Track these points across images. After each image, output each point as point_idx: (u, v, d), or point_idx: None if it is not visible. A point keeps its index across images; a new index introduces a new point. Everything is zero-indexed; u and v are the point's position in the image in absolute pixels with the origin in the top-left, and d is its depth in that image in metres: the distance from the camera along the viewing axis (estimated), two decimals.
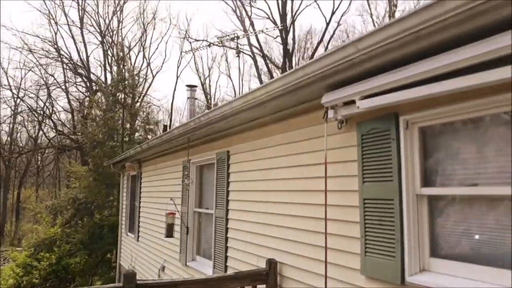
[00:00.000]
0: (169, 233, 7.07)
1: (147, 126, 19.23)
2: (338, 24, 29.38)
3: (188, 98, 12.96)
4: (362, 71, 2.95)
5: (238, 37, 18.71)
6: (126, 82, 18.78)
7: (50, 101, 32.61)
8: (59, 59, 31.43)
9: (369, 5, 29.95)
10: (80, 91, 32.72)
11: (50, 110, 32.83)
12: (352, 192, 3.34)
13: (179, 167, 7.61)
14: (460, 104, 2.57)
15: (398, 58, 2.67)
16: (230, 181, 5.63)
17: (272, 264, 4.23)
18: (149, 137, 18.54)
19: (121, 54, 25.68)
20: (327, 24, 28.99)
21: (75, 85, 32.62)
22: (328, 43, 29.58)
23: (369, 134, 3.20)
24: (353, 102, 3.13)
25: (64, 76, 32.27)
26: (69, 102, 32.28)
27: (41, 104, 32.74)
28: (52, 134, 33.71)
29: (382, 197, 3.02)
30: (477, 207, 2.59)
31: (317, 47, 29.97)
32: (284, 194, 4.34)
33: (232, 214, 5.49)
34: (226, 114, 4.83)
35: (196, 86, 15.36)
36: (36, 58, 31.23)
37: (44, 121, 33.24)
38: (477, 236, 2.58)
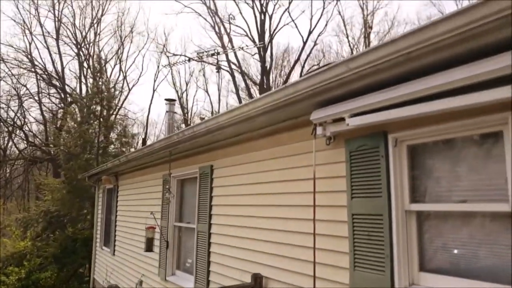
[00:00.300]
0: (149, 247, 7.00)
1: (124, 139, 19.02)
2: (315, 44, 29.94)
3: (167, 111, 12.93)
4: (352, 89, 3.03)
5: (218, 53, 18.79)
6: (103, 95, 18.58)
7: (22, 111, 31.93)
8: (33, 69, 30.90)
9: (345, 26, 30.67)
10: (54, 103, 32.17)
11: (22, 121, 32.12)
12: (341, 207, 3.40)
13: (159, 180, 7.56)
14: (448, 124, 2.67)
15: (388, 78, 2.76)
16: (213, 196, 5.63)
17: (257, 278, 4.24)
18: (124, 150, 18.34)
19: (97, 66, 25.40)
20: (304, 43, 29.53)
21: (48, 96, 32.07)
22: (304, 62, 30.09)
23: (358, 151, 3.28)
24: (342, 119, 3.21)
25: (38, 87, 31.68)
26: (42, 114, 31.67)
27: (12, 114, 32.01)
28: (22, 145, 32.92)
29: (371, 213, 3.09)
30: (464, 222, 2.69)
31: (294, 66, 30.43)
32: (271, 209, 4.37)
33: (215, 229, 5.48)
34: (211, 129, 4.85)
35: (175, 100, 15.34)
36: (8, 68, 30.61)
37: (15, 131, 32.45)
38: (465, 251, 2.67)
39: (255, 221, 4.62)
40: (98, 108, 18.87)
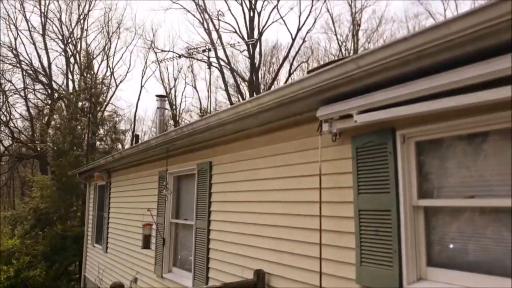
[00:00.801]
0: (146, 244, 6.97)
1: (114, 136, 18.88)
2: (304, 41, 29.96)
3: (158, 108, 12.87)
4: (360, 86, 3.06)
5: (209, 50, 18.77)
6: (92, 91, 18.42)
7: (7, 107, 31.42)
8: (18, 65, 30.42)
9: (333, 23, 30.76)
10: (40, 99, 31.71)
11: (7, 117, 31.61)
12: (347, 203, 3.43)
13: (155, 177, 7.53)
14: (456, 121, 2.72)
15: (397, 75, 2.79)
16: (212, 192, 5.63)
17: (260, 274, 4.25)
18: (114, 146, 18.23)
19: (85, 62, 25.12)
20: (293, 40, 29.52)
21: (34, 92, 31.60)
22: (293, 59, 30.12)
23: (365, 147, 3.31)
24: (349, 116, 3.24)
25: (23, 83, 31.20)
26: (28, 110, 31.20)
27: None
28: (8, 142, 32.40)
29: (378, 209, 3.13)
30: (472, 217, 2.74)
31: (282, 63, 30.44)
32: (273, 205, 4.38)
33: (214, 225, 5.49)
34: (212, 125, 4.85)
35: (166, 96, 15.30)
36: None
37: None
38: (472, 246, 2.72)
39: (257, 218, 4.63)
40: (87, 104, 18.72)
